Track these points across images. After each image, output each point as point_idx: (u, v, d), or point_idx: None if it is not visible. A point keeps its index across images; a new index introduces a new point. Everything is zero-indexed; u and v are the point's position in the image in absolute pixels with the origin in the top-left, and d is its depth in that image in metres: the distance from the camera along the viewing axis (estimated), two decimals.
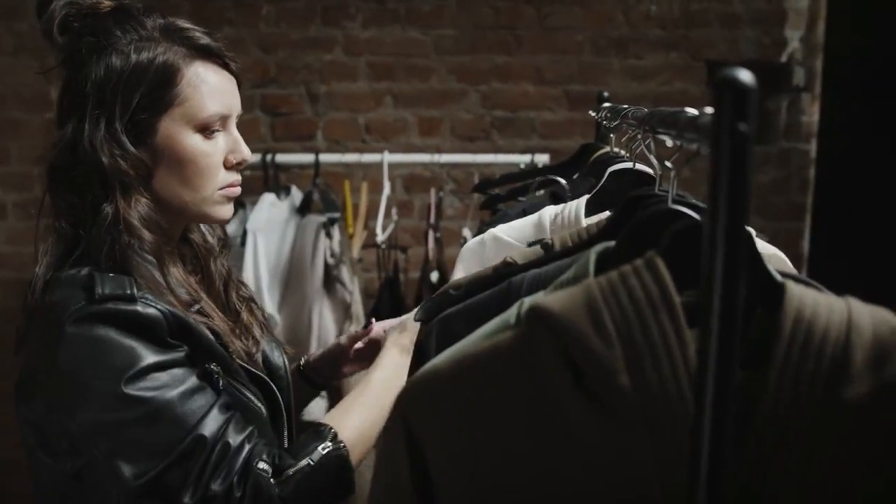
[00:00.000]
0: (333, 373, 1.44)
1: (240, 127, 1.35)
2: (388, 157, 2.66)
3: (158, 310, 1.01)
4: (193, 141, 1.09)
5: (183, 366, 1.03)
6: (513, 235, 1.29)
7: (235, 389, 1.09)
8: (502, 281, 0.91)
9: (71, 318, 0.99)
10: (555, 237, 1.00)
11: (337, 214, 2.53)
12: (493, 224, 1.54)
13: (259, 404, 1.12)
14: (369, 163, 2.75)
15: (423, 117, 3.21)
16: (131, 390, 0.97)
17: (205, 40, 1.10)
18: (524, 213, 1.47)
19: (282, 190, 2.69)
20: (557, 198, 1.49)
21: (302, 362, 1.45)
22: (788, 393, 0.63)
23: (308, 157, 2.72)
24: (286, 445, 1.19)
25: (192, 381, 1.02)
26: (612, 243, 0.79)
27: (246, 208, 2.67)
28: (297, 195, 2.69)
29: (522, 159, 2.75)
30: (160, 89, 1.06)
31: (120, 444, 0.99)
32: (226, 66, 1.13)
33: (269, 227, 2.54)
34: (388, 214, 2.70)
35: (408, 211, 3.20)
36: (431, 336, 0.91)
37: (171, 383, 1.00)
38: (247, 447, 1.03)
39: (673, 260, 0.66)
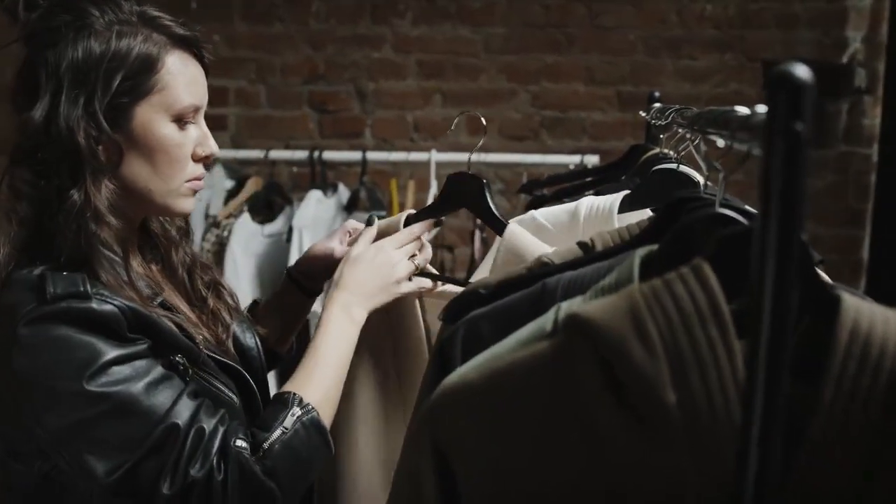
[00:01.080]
0: (323, 274, 1.42)
1: (288, 123, 1.35)
2: (436, 156, 2.64)
3: (115, 305, 0.99)
4: (168, 130, 1.08)
5: (145, 357, 1.00)
6: (549, 219, 1.27)
7: (204, 381, 1.07)
8: (536, 282, 0.86)
9: (23, 321, 0.96)
10: (595, 237, 0.96)
11: (383, 213, 2.52)
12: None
13: (231, 394, 1.10)
14: (416, 161, 2.73)
15: (471, 116, 3.19)
16: (94, 387, 0.96)
17: (182, 30, 1.09)
18: None
19: (329, 187, 2.69)
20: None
21: (292, 271, 1.45)
22: (843, 410, 0.60)
23: (355, 155, 2.71)
24: None
25: (157, 371, 1.00)
26: (655, 247, 0.75)
27: (293, 205, 2.67)
28: (343, 192, 2.69)
29: (572, 160, 2.71)
30: (141, 75, 1.04)
31: (89, 442, 0.97)
32: (199, 58, 1.12)
33: (315, 223, 2.54)
34: None
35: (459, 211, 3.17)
36: (457, 338, 0.85)
37: (136, 375, 0.98)
38: (221, 429, 1.01)
39: (721, 267, 0.62)
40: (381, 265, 1.23)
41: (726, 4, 3.13)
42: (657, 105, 1.61)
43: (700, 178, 1.11)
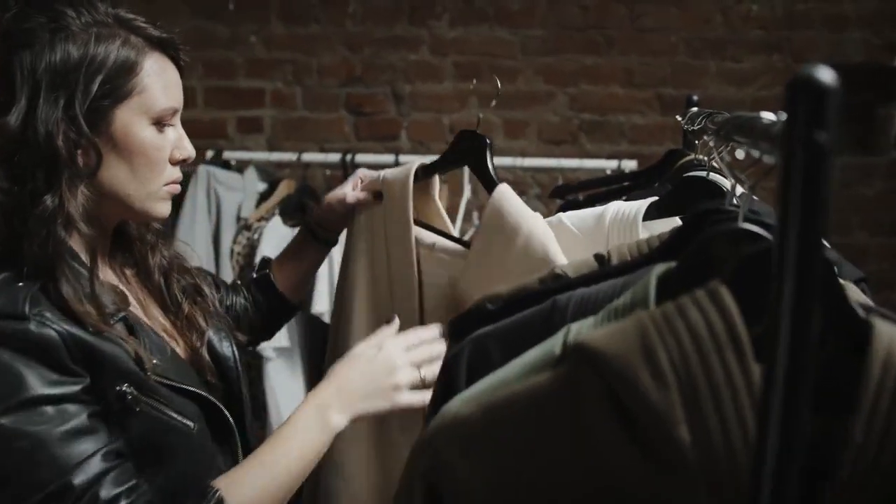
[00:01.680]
0: (338, 222, 1.46)
1: (324, 125, 1.35)
2: None
3: (55, 330, 0.94)
4: (148, 133, 1.06)
5: (75, 401, 0.95)
6: (575, 223, 1.22)
7: (153, 409, 1.01)
8: (547, 297, 0.81)
9: None
10: (612, 250, 0.91)
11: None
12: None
13: (186, 421, 1.04)
14: None
15: (508, 119, 3.14)
16: (7, 421, 0.91)
17: (159, 32, 1.08)
18: None
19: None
20: None
21: (308, 221, 1.48)
22: (876, 447, 0.55)
23: (388, 158, 2.68)
24: (239, 450, 1.14)
25: (81, 419, 0.95)
26: (673, 264, 0.70)
27: None
28: None
29: (609, 165, 2.65)
30: (120, 78, 1.03)
31: None
32: (175, 60, 1.11)
33: None
34: (467, 218, 2.64)
35: None
36: (462, 358, 0.81)
37: (57, 419, 0.93)
38: (122, 502, 0.94)
39: (741, 289, 0.57)
40: (379, 366, 1.16)
41: (773, 5, 3.04)
42: (693, 109, 1.55)
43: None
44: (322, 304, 2.46)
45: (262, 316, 1.47)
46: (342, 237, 1.50)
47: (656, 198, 1.21)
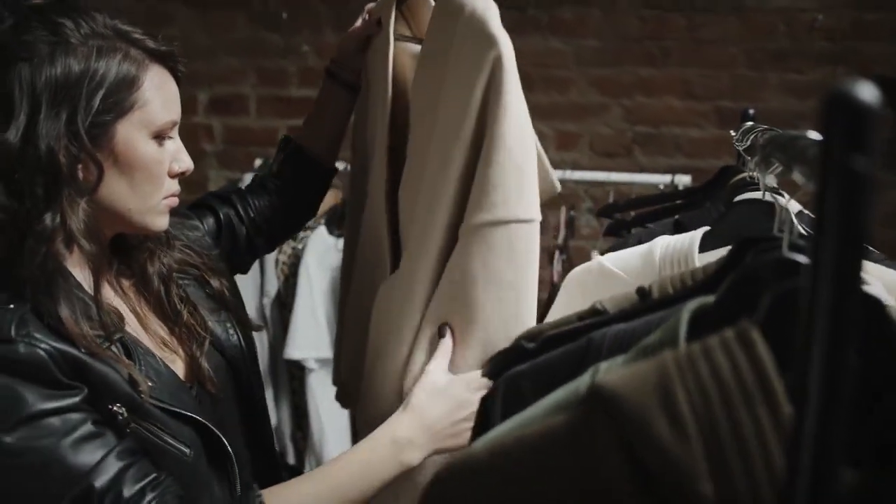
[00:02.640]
0: (355, 62, 1.46)
1: None
2: None
3: (43, 349, 0.93)
4: (148, 147, 1.04)
5: (77, 410, 0.94)
6: (619, 265, 1.13)
7: (147, 432, 0.99)
8: (584, 335, 0.77)
9: None
10: (654, 283, 0.85)
11: None
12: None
13: (181, 446, 1.02)
14: None
15: (560, 131, 3.08)
16: (13, 439, 0.90)
17: (158, 45, 1.06)
18: (640, 243, 1.32)
19: None
20: (681, 226, 1.33)
21: (328, 68, 1.48)
22: None
23: None
24: (237, 476, 1.11)
25: (87, 427, 0.94)
26: (710, 299, 0.64)
27: None
28: None
29: (663, 179, 2.57)
30: (122, 92, 1.01)
31: (7, 496, 0.93)
32: (174, 72, 1.09)
33: None
34: None
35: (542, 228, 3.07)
36: (497, 396, 0.80)
37: (63, 430, 0.92)
38: (148, 496, 0.95)
39: (778, 329, 0.51)
40: (458, 403, 1.11)
41: (840, 14, 2.92)
42: (747, 124, 1.47)
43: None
44: None
45: (298, 192, 1.47)
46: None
47: (707, 227, 1.13)
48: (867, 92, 0.37)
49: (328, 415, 2.55)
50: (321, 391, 2.55)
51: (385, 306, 1.24)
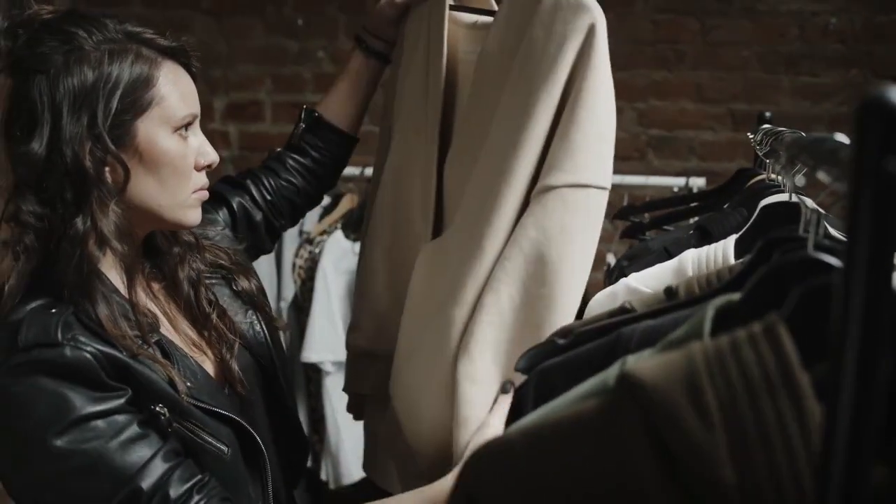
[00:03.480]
0: (389, 31, 1.46)
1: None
2: None
3: (89, 352, 0.95)
4: (171, 142, 1.06)
5: (123, 412, 0.97)
6: (650, 284, 1.10)
7: (188, 431, 1.02)
8: (613, 331, 0.79)
9: None
10: (681, 283, 0.87)
11: None
12: (632, 260, 1.41)
13: (220, 445, 1.04)
14: None
15: None
16: (62, 442, 0.93)
17: (169, 42, 1.08)
18: (666, 251, 1.32)
19: None
20: (704, 231, 1.33)
21: (358, 34, 1.49)
22: None
23: None
24: (268, 475, 1.13)
25: (133, 428, 0.97)
26: (737, 296, 0.66)
27: None
28: None
29: (676, 182, 2.58)
30: (138, 91, 1.03)
31: (59, 499, 0.95)
32: (188, 67, 1.11)
33: None
34: None
35: None
36: (529, 388, 0.83)
37: (109, 432, 0.95)
38: (195, 498, 0.97)
39: (803, 324, 0.53)
40: None
41: (852, 17, 2.93)
42: (765, 126, 1.48)
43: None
44: None
45: (321, 164, 1.47)
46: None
47: (735, 235, 1.14)
48: None
49: (344, 418, 2.56)
50: (337, 394, 2.56)
51: (432, 270, 1.24)
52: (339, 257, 2.55)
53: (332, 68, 3.19)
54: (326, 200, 2.72)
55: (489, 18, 1.27)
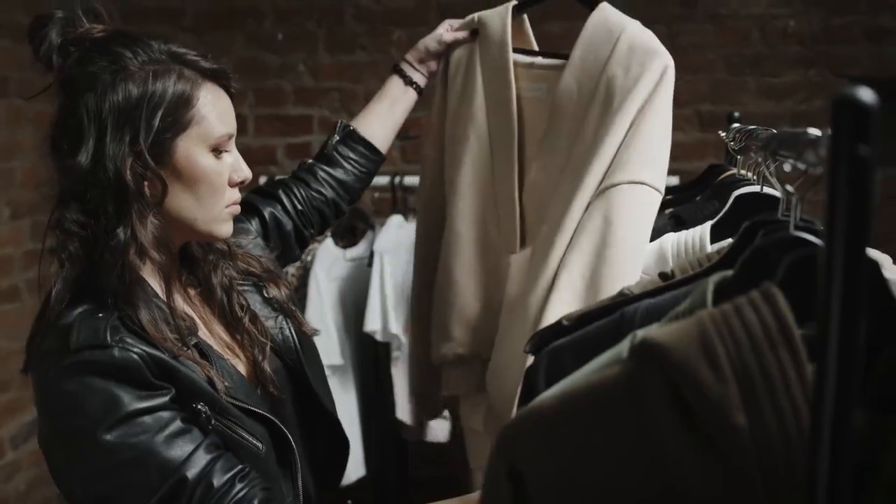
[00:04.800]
0: (430, 65, 1.61)
1: None
2: None
3: (135, 353, 1.02)
4: (208, 160, 1.12)
5: (167, 409, 1.03)
6: None
7: (227, 429, 1.08)
8: (615, 311, 0.88)
9: (51, 371, 1.01)
10: (675, 266, 0.97)
11: None
12: None
13: (255, 441, 1.11)
14: None
15: None
16: (112, 437, 0.99)
17: (209, 64, 1.13)
18: None
19: (409, 212, 2.73)
20: (679, 219, 1.44)
21: (397, 63, 1.62)
22: None
23: None
24: (298, 472, 1.18)
25: (177, 424, 1.03)
26: (730, 272, 0.75)
27: (375, 229, 2.72)
28: None
29: None
30: (179, 110, 1.08)
31: (110, 490, 1.02)
32: (226, 88, 1.16)
33: (397, 248, 2.58)
34: None
35: None
36: (540, 368, 0.89)
37: (155, 427, 1.01)
38: (237, 486, 1.03)
39: (793, 290, 0.62)
40: None
41: (810, 20, 3.07)
42: (735, 126, 1.60)
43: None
44: (374, 322, 2.53)
45: (350, 176, 1.55)
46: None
47: (710, 222, 1.25)
48: (867, 95, 0.48)
49: (343, 418, 2.63)
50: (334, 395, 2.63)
51: (526, 277, 1.40)
52: (330, 264, 2.62)
53: (312, 82, 3.26)
54: None
55: (547, 61, 1.49)
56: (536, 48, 1.60)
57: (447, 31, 1.59)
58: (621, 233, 1.25)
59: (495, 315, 1.48)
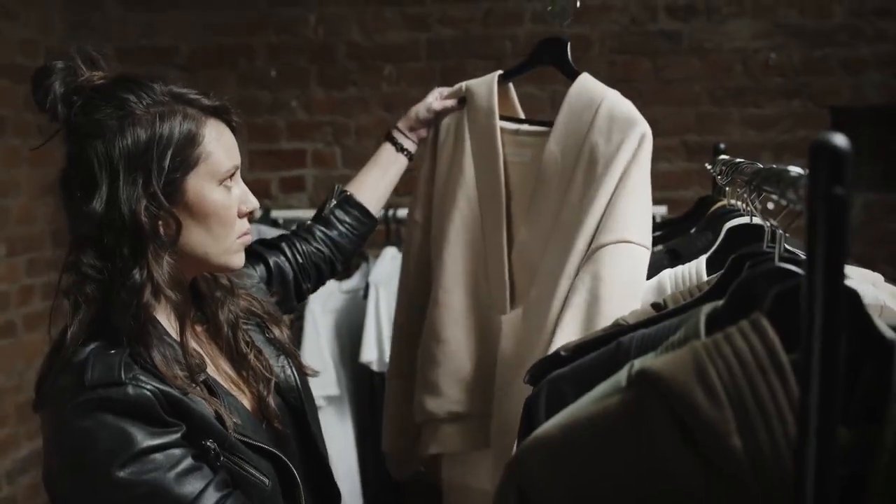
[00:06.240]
0: (420, 132, 1.66)
1: None
2: None
3: (149, 390, 1.03)
4: (218, 194, 1.14)
5: (179, 446, 1.04)
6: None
7: (235, 465, 1.09)
8: (611, 341, 0.92)
9: (66, 408, 1.02)
10: (668, 297, 1.01)
11: None
12: None
13: (263, 477, 1.12)
14: None
15: None
16: (125, 474, 1.00)
17: (211, 101, 1.15)
18: None
19: (403, 243, 2.75)
20: (675, 253, 1.49)
21: (390, 130, 1.66)
22: None
23: None
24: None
25: (188, 461, 1.04)
26: (720, 303, 0.79)
27: (369, 261, 2.75)
28: None
29: None
30: (187, 150, 1.10)
31: None
32: (229, 123, 1.18)
33: (391, 279, 2.59)
34: None
35: None
36: (541, 397, 0.92)
37: (167, 464, 1.02)
38: None
39: (779, 319, 0.66)
40: None
41: (791, 52, 3.14)
42: (722, 157, 1.65)
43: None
44: (370, 353, 2.55)
45: (344, 239, 1.59)
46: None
47: (706, 255, 1.30)
48: (842, 140, 0.52)
49: (336, 451, 2.65)
50: (329, 429, 2.64)
51: (519, 335, 1.46)
52: (325, 297, 2.64)
53: (305, 116, 3.31)
54: None
55: (532, 128, 1.56)
56: (522, 114, 1.67)
57: (436, 99, 1.65)
58: (613, 288, 1.31)
59: (487, 373, 1.53)
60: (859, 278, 0.98)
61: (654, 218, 2.55)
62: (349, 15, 3.28)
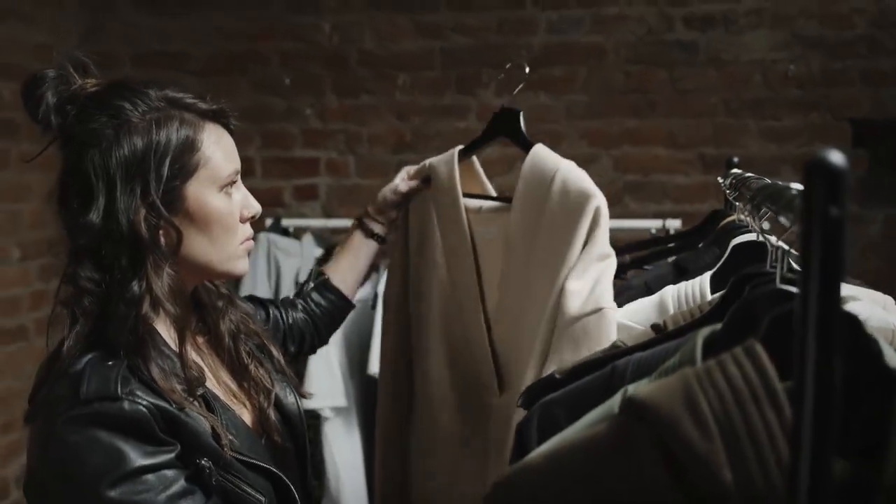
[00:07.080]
0: (390, 208, 1.62)
1: (377, 191, 1.58)
2: None
3: (144, 406, 1.00)
4: (219, 200, 1.11)
5: (172, 467, 1.01)
6: (635, 319, 1.26)
7: (230, 483, 1.06)
8: (607, 364, 0.89)
9: (58, 420, 0.99)
10: (668, 318, 0.98)
11: None
12: (616, 296, 1.54)
13: (258, 495, 1.08)
14: None
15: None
16: (115, 493, 0.97)
17: (208, 105, 1.13)
18: (646, 286, 1.45)
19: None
20: (681, 268, 1.45)
21: (360, 216, 1.63)
22: None
23: None
24: None
25: (181, 484, 1.01)
26: (719, 326, 0.76)
27: (379, 271, 2.74)
28: None
29: (654, 224, 2.70)
30: (185, 156, 1.08)
31: None
32: (227, 126, 1.16)
33: None
34: None
35: None
36: (533, 422, 0.90)
37: (159, 486, 0.99)
38: None
39: (775, 345, 0.63)
40: None
41: (810, 63, 3.09)
42: (733, 171, 1.61)
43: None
44: (378, 365, 2.53)
45: (322, 320, 1.57)
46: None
47: (710, 272, 1.26)
48: (838, 158, 0.49)
49: (344, 463, 2.63)
50: (336, 439, 2.63)
51: (510, 419, 1.43)
52: None
53: (319, 124, 3.31)
54: (320, 252, 2.82)
55: (493, 204, 1.56)
56: (488, 185, 1.67)
57: (403, 180, 1.61)
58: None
59: (479, 454, 1.52)
60: (869, 300, 0.94)
61: (666, 231, 2.57)
62: (363, 22, 3.28)
